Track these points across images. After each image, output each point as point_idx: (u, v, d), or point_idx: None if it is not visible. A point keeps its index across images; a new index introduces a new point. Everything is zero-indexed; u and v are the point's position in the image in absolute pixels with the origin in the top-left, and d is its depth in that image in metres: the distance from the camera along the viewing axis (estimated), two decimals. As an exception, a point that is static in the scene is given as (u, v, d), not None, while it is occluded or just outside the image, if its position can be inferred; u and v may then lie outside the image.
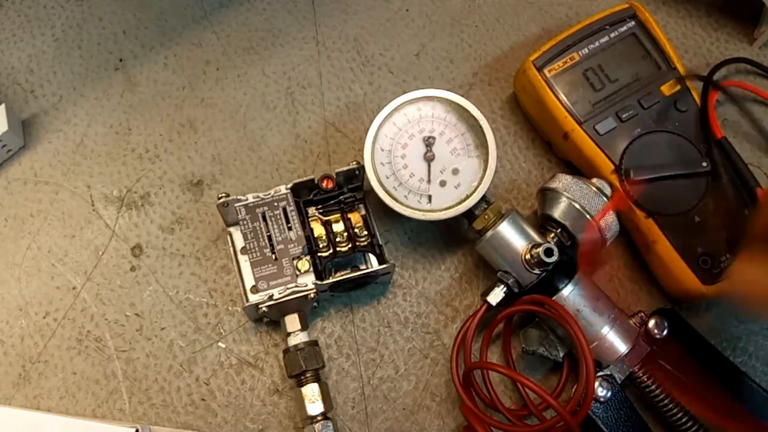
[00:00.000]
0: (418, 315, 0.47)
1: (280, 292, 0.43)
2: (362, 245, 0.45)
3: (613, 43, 0.49)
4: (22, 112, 0.53)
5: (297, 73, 0.54)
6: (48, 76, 0.54)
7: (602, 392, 0.41)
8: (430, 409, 0.45)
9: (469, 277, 0.49)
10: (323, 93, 0.54)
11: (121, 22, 0.56)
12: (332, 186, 0.46)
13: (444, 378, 0.46)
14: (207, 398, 0.45)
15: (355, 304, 0.48)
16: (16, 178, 0.51)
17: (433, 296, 0.48)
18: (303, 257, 0.44)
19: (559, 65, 0.49)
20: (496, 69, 0.55)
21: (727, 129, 0.52)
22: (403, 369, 0.46)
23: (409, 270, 0.49)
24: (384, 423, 0.45)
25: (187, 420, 0.45)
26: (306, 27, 0.56)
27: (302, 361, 0.42)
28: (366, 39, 0.56)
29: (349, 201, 0.47)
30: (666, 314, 0.44)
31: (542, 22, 0.56)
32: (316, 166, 0.52)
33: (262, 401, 0.45)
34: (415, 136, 0.46)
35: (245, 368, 0.46)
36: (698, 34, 0.56)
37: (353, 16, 0.57)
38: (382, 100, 0.49)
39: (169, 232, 0.49)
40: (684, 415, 0.42)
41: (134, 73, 0.54)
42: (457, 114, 0.47)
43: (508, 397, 0.46)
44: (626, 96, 0.48)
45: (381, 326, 0.47)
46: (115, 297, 0.47)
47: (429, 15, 0.57)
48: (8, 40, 0.55)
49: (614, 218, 0.43)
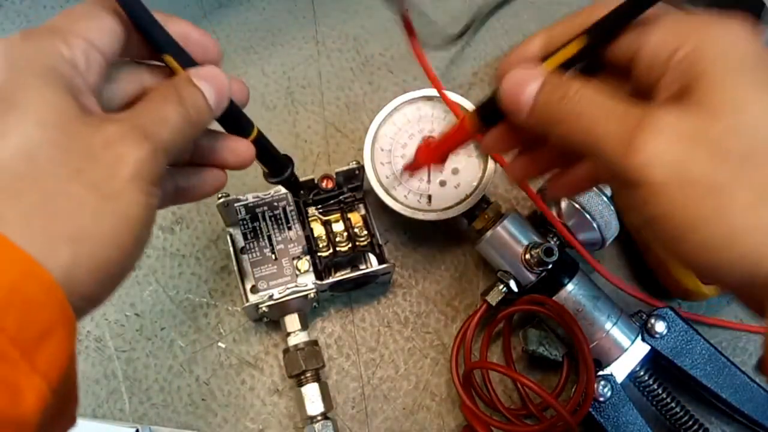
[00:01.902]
0: (418, 315, 0.47)
1: (280, 292, 0.43)
2: (362, 245, 0.45)
3: (613, 43, 0.49)
4: (21, 112, 0.53)
5: (297, 72, 0.54)
6: (48, 76, 0.54)
7: (602, 392, 0.41)
8: (430, 408, 0.45)
9: (468, 276, 0.49)
10: (323, 93, 0.54)
11: (121, 21, 0.56)
12: (332, 186, 0.46)
13: (444, 378, 0.46)
14: (207, 398, 0.45)
15: (355, 303, 0.48)
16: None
17: (433, 296, 0.48)
18: (303, 257, 0.44)
19: (558, 65, 0.49)
20: (496, 68, 0.55)
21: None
22: (403, 369, 0.46)
23: (409, 270, 0.49)
24: (384, 423, 0.45)
25: (187, 420, 0.45)
26: (306, 27, 0.56)
27: (302, 360, 0.42)
28: (366, 39, 0.56)
29: (348, 201, 0.47)
30: (666, 314, 0.44)
31: (542, 22, 0.56)
32: (316, 166, 0.52)
33: (262, 401, 0.45)
34: (415, 135, 0.46)
35: (245, 368, 0.46)
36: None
37: (353, 16, 0.57)
38: (382, 100, 0.49)
39: (169, 232, 0.49)
40: (684, 415, 0.42)
41: (134, 72, 0.54)
42: (457, 114, 0.47)
43: (508, 396, 0.46)
44: (626, 95, 0.48)
45: (381, 326, 0.47)
46: (115, 297, 0.47)
47: (429, 15, 0.57)
48: (8, 40, 0.55)
49: (614, 217, 0.43)
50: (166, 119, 0.27)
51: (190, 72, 0.29)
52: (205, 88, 0.29)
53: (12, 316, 0.20)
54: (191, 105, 0.28)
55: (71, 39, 0.26)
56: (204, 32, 0.31)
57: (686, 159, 0.24)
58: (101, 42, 0.27)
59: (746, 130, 0.23)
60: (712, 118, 0.24)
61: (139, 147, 0.25)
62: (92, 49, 0.26)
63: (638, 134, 0.24)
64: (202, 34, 0.31)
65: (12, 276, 0.21)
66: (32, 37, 0.25)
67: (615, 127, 0.25)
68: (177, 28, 0.30)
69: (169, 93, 0.28)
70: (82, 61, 0.26)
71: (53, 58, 0.25)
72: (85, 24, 0.26)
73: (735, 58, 0.25)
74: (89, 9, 0.27)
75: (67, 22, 0.26)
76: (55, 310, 0.22)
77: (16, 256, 0.21)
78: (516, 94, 0.29)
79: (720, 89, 0.24)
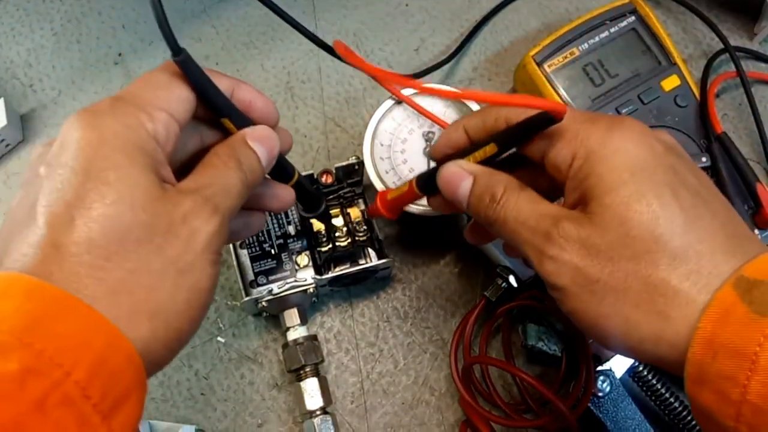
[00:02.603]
0: (417, 310, 0.47)
1: (280, 287, 0.43)
2: (361, 240, 0.45)
3: (613, 39, 0.49)
4: (20, 107, 0.53)
5: (296, 67, 0.54)
6: (47, 70, 0.54)
7: (601, 387, 0.41)
8: (429, 403, 0.46)
9: (468, 272, 0.49)
10: (323, 88, 0.54)
11: (120, 16, 0.56)
12: (331, 181, 0.46)
13: (443, 372, 0.46)
14: (206, 392, 0.45)
15: (354, 298, 0.48)
16: (15, 172, 0.51)
17: (432, 291, 0.48)
18: (302, 252, 0.44)
19: (558, 60, 0.49)
20: (496, 64, 0.55)
21: (727, 124, 0.52)
22: (403, 363, 0.46)
23: (409, 265, 0.49)
24: (383, 417, 0.45)
25: (186, 414, 0.45)
26: (305, 22, 0.56)
27: (301, 355, 0.42)
28: (366, 34, 0.56)
29: (348, 196, 0.47)
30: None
31: (542, 17, 0.56)
32: (316, 161, 0.51)
33: (261, 395, 0.45)
34: (414, 131, 0.46)
35: (244, 363, 0.46)
36: (698, 30, 0.56)
37: (353, 11, 0.56)
38: (382, 95, 0.49)
39: (168, 226, 0.49)
40: (683, 410, 0.42)
41: (133, 67, 0.54)
42: (456, 109, 0.47)
43: (507, 391, 0.46)
44: (626, 91, 0.48)
45: (380, 321, 0.47)
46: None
47: (429, 10, 0.57)
48: (7, 34, 0.55)
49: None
50: (230, 188, 0.29)
51: (245, 133, 0.31)
52: (259, 150, 0.31)
53: (97, 385, 0.22)
54: (248, 168, 0.30)
55: (154, 113, 0.28)
56: (268, 100, 0.33)
57: (584, 266, 0.28)
58: (178, 112, 0.29)
59: (631, 241, 0.27)
60: (603, 230, 0.28)
61: (211, 220, 0.28)
62: (171, 121, 0.28)
63: (547, 246, 0.29)
64: (265, 102, 0.33)
65: (100, 345, 0.23)
66: (120, 109, 0.27)
67: (531, 237, 0.30)
68: (245, 95, 0.32)
69: (229, 158, 0.30)
70: (162, 135, 0.28)
71: (140, 136, 0.27)
72: (165, 95, 0.28)
73: (622, 168, 0.28)
74: (168, 80, 0.29)
75: (149, 92, 0.28)
76: (133, 378, 0.24)
77: (104, 328, 0.23)
78: (453, 189, 0.33)
79: (608, 203, 0.28)
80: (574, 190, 0.30)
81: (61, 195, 0.25)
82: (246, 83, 0.33)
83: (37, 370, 0.21)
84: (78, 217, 0.24)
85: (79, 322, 0.23)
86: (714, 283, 0.26)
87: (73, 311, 0.23)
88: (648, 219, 0.27)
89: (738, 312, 0.25)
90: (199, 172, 0.29)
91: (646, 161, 0.28)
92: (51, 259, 0.24)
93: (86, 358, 0.22)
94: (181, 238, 0.26)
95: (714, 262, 0.27)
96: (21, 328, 0.22)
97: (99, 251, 0.24)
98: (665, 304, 0.27)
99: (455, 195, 0.33)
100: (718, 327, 0.25)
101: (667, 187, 0.28)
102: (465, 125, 0.35)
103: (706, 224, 0.28)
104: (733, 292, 0.25)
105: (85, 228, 0.24)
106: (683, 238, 0.27)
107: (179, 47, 0.28)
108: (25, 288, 0.23)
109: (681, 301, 0.26)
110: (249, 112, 0.32)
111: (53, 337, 0.22)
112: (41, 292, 0.23)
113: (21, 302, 0.22)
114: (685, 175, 0.29)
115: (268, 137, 0.32)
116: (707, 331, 0.25)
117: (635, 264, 0.27)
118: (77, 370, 0.22)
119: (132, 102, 0.27)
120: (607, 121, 0.30)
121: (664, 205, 0.27)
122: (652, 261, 0.27)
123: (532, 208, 0.31)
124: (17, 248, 0.24)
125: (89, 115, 0.26)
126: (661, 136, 0.31)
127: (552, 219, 0.29)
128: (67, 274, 0.24)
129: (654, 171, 0.28)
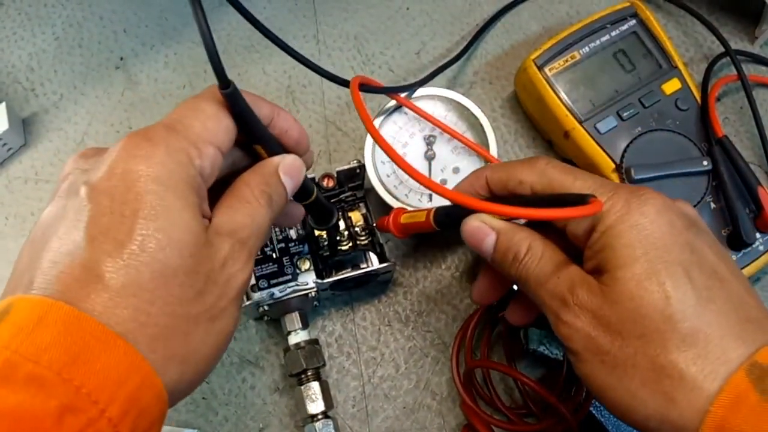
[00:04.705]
0: (418, 313, 0.47)
1: (281, 291, 0.43)
2: (363, 244, 0.45)
3: (614, 42, 0.49)
4: (22, 111, 0.53)
5: (297, 71, 0.54)
6: (49, 74, 0.54)
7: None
8: (430, 407, 0.45)
9: (469, 275, 0.49)
10: (324, 91, 0.54)
11: (122, 20, 0.56)
12: (333, 185, 0.46)
13: (444, 377, 0.46)
14: (208, 396, 0.45)
15: (355, 302, 0.48)
16: (17, 176, 0.51)
17: (433, 295, 0.48)
18: (303, 256, 0.44)
19: (560, 64, 0.49)
20: (497, 67, 0.55)
21: (728, 127, 0.52)
22: (404, 367, 0.46)
23: (410, 269, 0.49)
24: (384, 421, 0.45)
25: (188, 418, 0.45)
26: (306, 25, 0.56)
27: (303, 359, 0.42)
28: (366, 37, 0.56)
29: (349, 200, 0.47)
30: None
31: (543, 21, 0.56)
32: (317, 165, 0.52)
33: (262, 399, 0.45)
34: (415, 134, 0.46)
35: (246, 366, 0.46)
36: (699, 33, 0.56)
37: (354, 15, 0.57)
38: (383, 99, 0.49)
39: (169, 230, 0.49)
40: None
41: (135, 71, 0.54)
42: (457, 112, 0.47)
43: (508, 395, 0.46)
44: (627, 95, 0.48)
45: (382, 325, 0.47)
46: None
47: (429, 13, 0.57)
48: (9, 39, 0.55)
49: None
50: (262, 227, 0.30)
51: (278, 165, 0.31)
52: (287, 183, 0.31)
53: (127, 422, 0.23)
54: (276, 205, 0.31)
55: (204, 148, 0.28)
56: (302, 129, 0.34)
57: (596, 336, 0.29)
58: (224, 143, 0.29)
59: (641, 318, 0.28)
60: (614, 303, 0.28)
61: (246, 268, 0.28)
62: (218, 154, 0.28)
63: (563, 312, 0.30)
64: (300, 131, 0.34)
65: (135, 384, 0.23)
66: (173, 144, 0.27)
67: (549, 300, 0.31)
68: (283, 123, 0.33)
69: (261, 195, 0.30)
70: (208, 171, 0.28)
71: (189, 174, 0.27)
72: (214, 127, 0.28)
73: (637, 245, 0.28)
74: (216, 111, 0.29)
75: (199, 123, 0.28)
76: (158, 414, 0.25)
77: (142, 368, 0.24)
78: (477, 243, 0.34)
79: (619, 278, 0.28)
80: (591, 259, 0.30)
81: (111, 229, 0.24)
82: (284, 111, 0.33)
83: (74, 407, 0.22)
84: (128, 257, 0.24)
85: (117, 359, 0.23)
86: (720, 371, 0.26)
87: (113, 349, 0.23)
88: (658, 298, 0.27)
89: (750, 400, 0.25)
90: (233, 206, 0.29)
91: (662, 239, 0.28)
92: (93, 292, 0.24)
93: (121, 395, 0.23)
94: (219, 284, 0.27)
95: (722, 348, 0.27)
96: (61, 363, 0.22)
97: (146, 295, 0.24)
98: (671, 386, 0.27)
99: (479, 249, 0.34)
100: (729, 413, 0.25)
101: (681, 266, 0.28)
102: (489, 177, 0.36)
103: (718, 307, 0.28)
104: (746, 379, 0.26)
105: (134, 271, 0.24)
106: (693, 320, 0.27)
107: (228, 80, 0.28)
108: (64, 318, 0.23)
109: (687, 386, 0.27)
110: (282, 138, 0.32)
111: (92, 374, 0.22)
112: (81, 325, 0.23)
113: (60, 333, 0.22)
114: (703, 253, 0.29)
115: (298, 169, 0.32)
116: (718, 416, 0.25)
117: (644, 342, 0.27)
118: (112, 407, 0.22)
119: (184, 134, 0.27)
120: (627, 193, 0.30)
121: (676, 286, 0.28)
122: (661, 341, 0.27)
123: (551, 271, 0.31)
124: (54, 267, 0.24)
125: (145, 143, 0.26)
126: (683, 209, 0.31)
127: (569, 284, 0.30)
128: (110, 313, 0.24)
129: (669, 249, 0.28)
